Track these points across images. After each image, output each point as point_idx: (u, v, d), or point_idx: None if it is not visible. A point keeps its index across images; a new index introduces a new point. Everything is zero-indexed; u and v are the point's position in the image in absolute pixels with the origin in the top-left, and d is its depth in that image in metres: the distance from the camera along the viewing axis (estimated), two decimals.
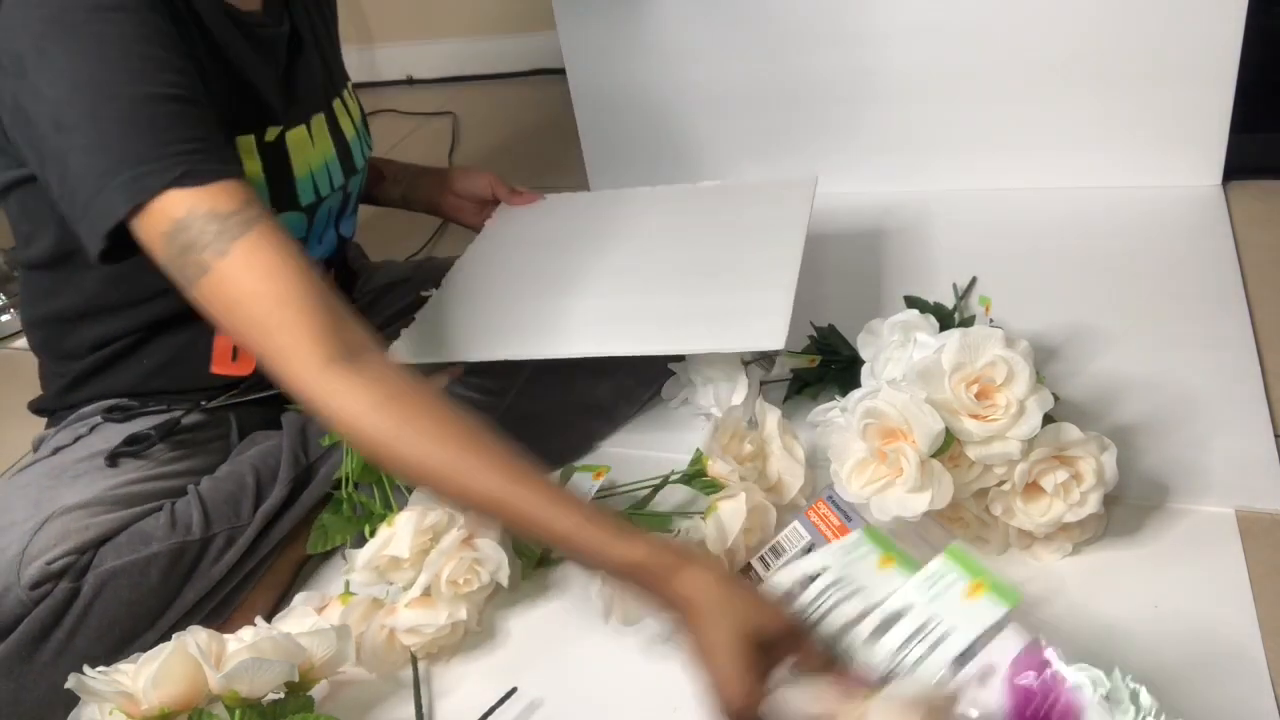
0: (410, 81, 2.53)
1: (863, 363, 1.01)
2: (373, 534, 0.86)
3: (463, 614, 0.84)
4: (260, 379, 1.02)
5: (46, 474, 0.90)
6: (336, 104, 0.96)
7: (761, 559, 0.83)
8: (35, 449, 0.98)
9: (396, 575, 0.85)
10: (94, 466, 0.91)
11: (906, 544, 0.82)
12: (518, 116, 2.18)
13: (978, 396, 0.78)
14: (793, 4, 1.42)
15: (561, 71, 1.60)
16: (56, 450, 0.94)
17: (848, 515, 0.81)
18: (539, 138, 2.03)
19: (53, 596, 0.79)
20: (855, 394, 0.90)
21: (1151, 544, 0.85)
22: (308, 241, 0.97)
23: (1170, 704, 0.72)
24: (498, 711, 0.79)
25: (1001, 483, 0.81)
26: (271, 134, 0.88)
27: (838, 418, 0.94)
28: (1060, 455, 0.80)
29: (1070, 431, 0.80)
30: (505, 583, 0.87)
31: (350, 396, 0.71)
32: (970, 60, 1.39)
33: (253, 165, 0.87)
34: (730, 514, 0.83)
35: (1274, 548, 0.83)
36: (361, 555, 0.85)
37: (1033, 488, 0.81)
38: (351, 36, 2.44)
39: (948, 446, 0.78)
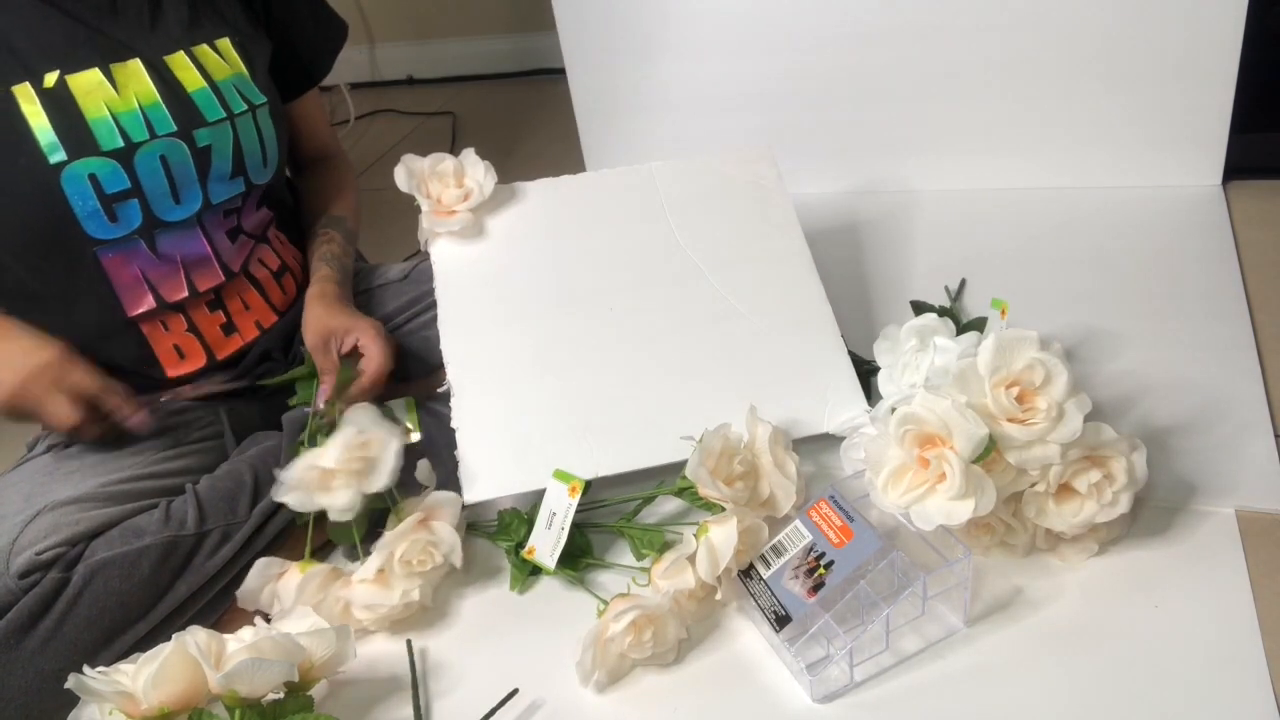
0: (410, 81, 2.53)
1: (867, 366, 1.01)
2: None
3: (415, 595, 0.87)
4: (238, 375, 1.02)
5: (39, 470, 0.90)
6: (177, 57, 0.93)
7: (763, 557, 0.83)
8: (30, 448, 0.99)
9: (326, 495, 0.86)
10: (86, 464, 0.91)
11: (908, 547, 0.82)
12: (518, 116, 2.18)
13: (1017, 400, 0.77)
14: (792, 4, 1.42)
15: (561, 71, 1.60)
16: (50, 448, 0.95)
17: (850, 515, 0.81)
18: (539, 138, 2.03)
19: (41, 586, 0.79)
20: (885, 401, 0.90)
21: (1151, 544, 0.85)
22: (146, 194, 0.91)
23: (1171, 704, 0.72)
24: (498, 712, 0.79)
25: (1034, 484, 0.80)
26: (50, 79, 0.87)
27: (867, 427, 0.94)
28: (1092, 455, 0.80)
29: (1104, 431, 0.79)
30: (458, 564, 0.90)
31: None
32: (970, 60, 1.39)
33: (33, 111, 0.86)
34: (721, 539, 0.81)
35: (1274, 548, 0.83)
36: (291, 472, 0.86)
37: (1065, 489, 0.80)
38: (351, 36, 2.44)
39: (988, 452, 0.76)
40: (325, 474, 0.86)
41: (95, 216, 0.89)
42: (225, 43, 0.97)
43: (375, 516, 0.91)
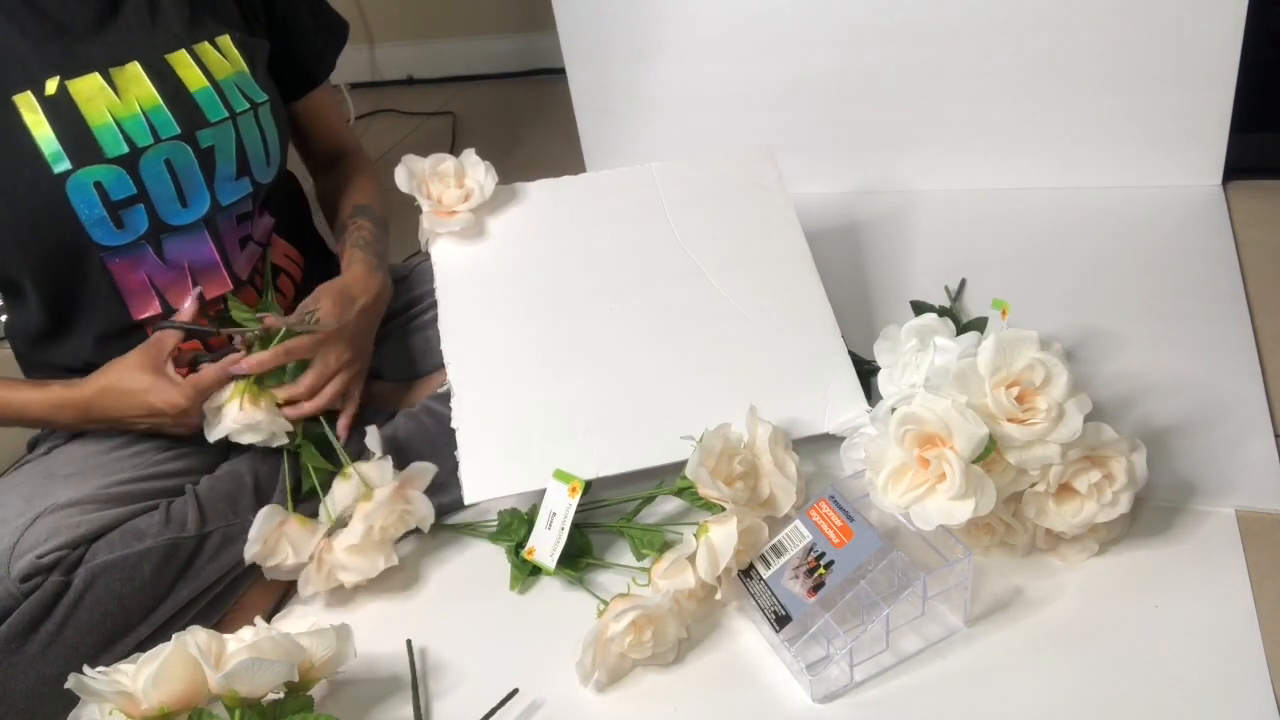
0: (410, 81, 2.53)
1: (867, 366, 1.01)
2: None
3: (395, 559, 0.93)
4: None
5: (40, 472, 0.90)
6: (179, 55, 0.92)
7: (763, 557, 0.83)
8: (30, 449, 0.99)
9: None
10: (88, 466, 0.91)
11: (908, 547, 0.82)
12: (518, 116, 2.18)
13: (1017, 400, 0.77)
14: (792, 4, 1.42)
15: (561, 71, 1.60)
16: (51, 449, 0.95)
17: (850, 515, 0.81)
18: (539, 138, 2.03)
19: (42, 589, 0.79)
20: (885, 401, 0.89)
21: (1151, 544, 0.85)
22: (152, 199, 0.90)
23: (1171, 704, 0.72)
24: (498, 712, 0.79)
25: (1034, 484, 0.80)
26: (51, 86, 0.86)
27: (867, 427, 0.94)
28: (1091, 455, 0.80)
29: (1104, 431, 0.79)
30: (426, 529, 0.95)
31: None
32: (970, 60, 1.39)
33: (36, 120, 0.85)
34: (721, 539, 0.81)
35: (1274, 548, 0.83)
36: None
37: (1065, 489, 0.80)
38: (351, 36, 2.44)
39: (988, 452, 0.76)
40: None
41: (102, 224, 0.88)
42: (226, 40, 0.96)
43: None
